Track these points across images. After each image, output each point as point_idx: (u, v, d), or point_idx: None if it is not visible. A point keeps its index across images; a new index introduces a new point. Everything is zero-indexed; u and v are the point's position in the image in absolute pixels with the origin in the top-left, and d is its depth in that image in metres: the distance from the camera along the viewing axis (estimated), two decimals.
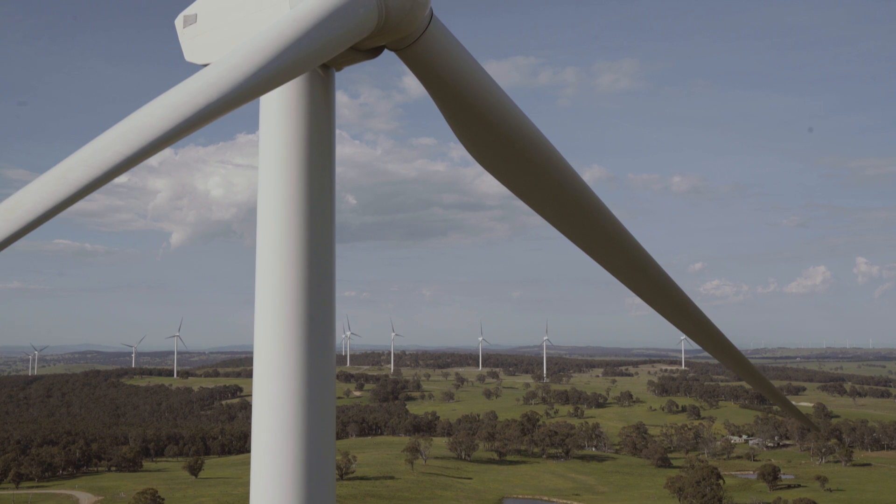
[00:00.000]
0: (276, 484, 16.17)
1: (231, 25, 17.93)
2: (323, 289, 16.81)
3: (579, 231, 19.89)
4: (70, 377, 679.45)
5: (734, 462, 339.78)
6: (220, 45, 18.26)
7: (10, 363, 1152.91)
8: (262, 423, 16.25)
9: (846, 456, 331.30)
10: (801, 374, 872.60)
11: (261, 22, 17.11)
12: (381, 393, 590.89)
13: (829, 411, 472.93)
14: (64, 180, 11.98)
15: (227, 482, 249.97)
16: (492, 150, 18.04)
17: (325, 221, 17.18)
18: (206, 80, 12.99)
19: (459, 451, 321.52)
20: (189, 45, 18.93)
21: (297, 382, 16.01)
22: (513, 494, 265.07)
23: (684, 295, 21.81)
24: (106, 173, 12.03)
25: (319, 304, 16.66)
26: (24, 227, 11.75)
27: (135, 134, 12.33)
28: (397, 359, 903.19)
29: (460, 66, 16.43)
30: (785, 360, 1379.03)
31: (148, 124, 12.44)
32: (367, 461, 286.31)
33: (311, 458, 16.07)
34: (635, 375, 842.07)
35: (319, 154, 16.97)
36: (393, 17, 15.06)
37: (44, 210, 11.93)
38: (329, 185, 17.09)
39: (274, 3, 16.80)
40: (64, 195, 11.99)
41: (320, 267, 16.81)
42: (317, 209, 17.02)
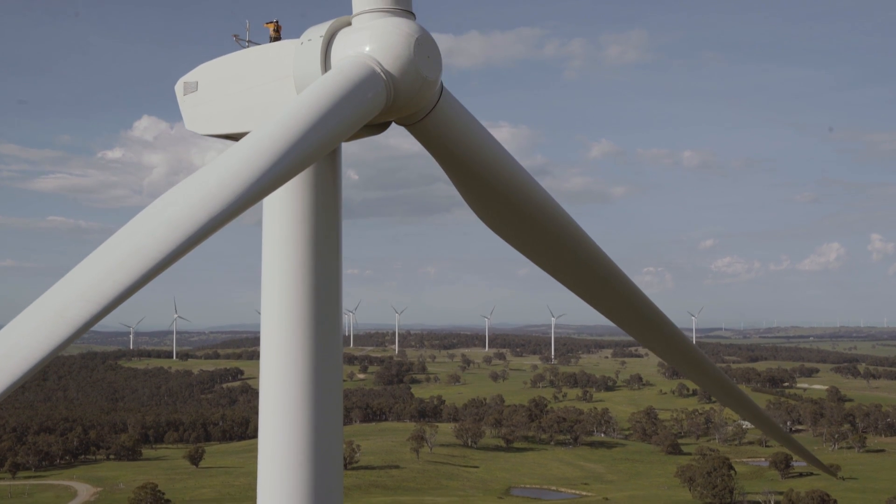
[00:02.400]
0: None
1: (233, 97, 18.08)
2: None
3: (590, 292, 20.84)
4: (67, 359, 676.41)
5: (745, 448, 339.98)
6: (222, 118, 18.38)
7: None
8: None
9: (859, 442, 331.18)
10: (814, 354, 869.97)
11: (264, 96, 17.54)
12: (385, 376, 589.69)
13: (842, 395, 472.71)
14: (62, 320, 11.48)
15: (229, 472, 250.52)
16: (499, 216, 18.79)
17: (332, 300, 17.50)
18: (209, 188, 12.68)
19: (466, 439, 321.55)
20: (190, 113, 19.15)
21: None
22: (520, 484, 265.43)
23: (698, 351, 23.05)
24: (105, 307, 11.60)
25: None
26: (23, 374, 11.12)
27: (135, 260, 11.88)
28: (402, 339, 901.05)
29: (469, 139, 16.90)
30: (798, 339, 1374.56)
31: (148, 246, 11.99)
32: (371, 449, 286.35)
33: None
34: (645, 356, 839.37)
35: (326, 230, 17.24)
36: (402, 97, 15.52)
37: (42, 354, 11.35)
38: (335, 262, 17.69)
39: (278, 77, 17.01)
40: (63, 336, 11.48)
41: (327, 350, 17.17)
42: (322, 288, 17.48)
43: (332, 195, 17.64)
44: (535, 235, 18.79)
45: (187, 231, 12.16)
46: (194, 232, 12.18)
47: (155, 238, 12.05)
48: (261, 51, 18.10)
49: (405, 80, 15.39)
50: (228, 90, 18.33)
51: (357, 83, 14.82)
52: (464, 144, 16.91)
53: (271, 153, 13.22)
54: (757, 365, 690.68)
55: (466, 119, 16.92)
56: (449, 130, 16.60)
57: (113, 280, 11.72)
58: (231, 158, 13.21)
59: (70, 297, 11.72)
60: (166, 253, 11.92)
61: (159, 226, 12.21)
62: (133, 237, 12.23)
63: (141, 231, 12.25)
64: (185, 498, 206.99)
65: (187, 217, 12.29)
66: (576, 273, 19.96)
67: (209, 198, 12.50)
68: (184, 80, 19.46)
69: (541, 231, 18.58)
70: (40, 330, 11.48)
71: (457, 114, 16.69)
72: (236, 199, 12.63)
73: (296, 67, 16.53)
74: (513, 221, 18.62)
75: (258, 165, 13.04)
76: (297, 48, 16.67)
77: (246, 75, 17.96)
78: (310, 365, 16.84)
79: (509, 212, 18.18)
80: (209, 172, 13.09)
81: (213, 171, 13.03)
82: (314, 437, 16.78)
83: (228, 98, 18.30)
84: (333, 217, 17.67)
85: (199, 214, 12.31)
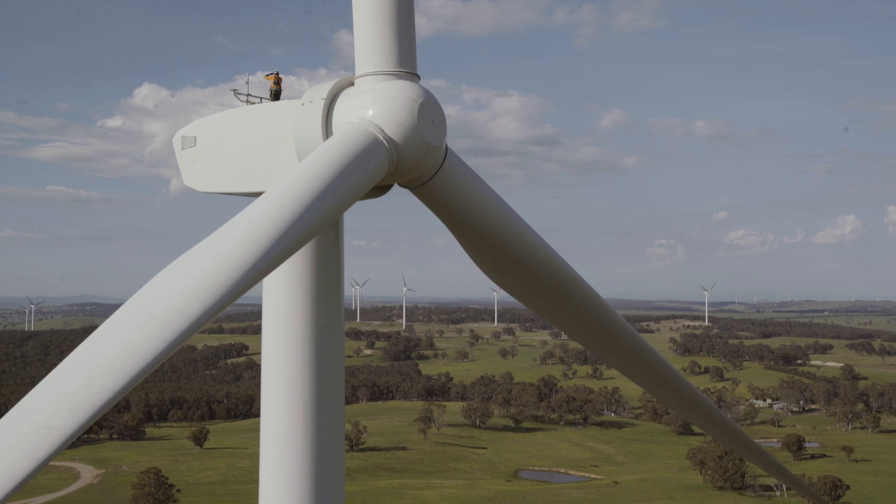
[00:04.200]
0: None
1: (232, 156, 17.97)
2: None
3: (599, 346, 20.99)
4: (69, 333, 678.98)
5: (758, 428, 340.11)
6: (221, 176, 18.28)
7: (6, 315, 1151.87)
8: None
9: (873, 422, 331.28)
10: (829, 330, 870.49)
11: (264, 157, 17.28)
12: (392, 352, 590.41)
13: (856, 373, 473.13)
14: (47, 431, 10.73)
15: (233, 454, 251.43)
16: (505, 273, 18.69)
17: (335, 367, 17.62)
18: (203, 277, 12.19)
19: (474, 419, 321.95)
20: (187, 169, 19.03)
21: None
22: (529, 466, 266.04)
23: (709, 402, 23.16)
24: (93, 416, 10.90)
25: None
26: (5, 495, 10.38)
27: (124, 361, 11.26)
28: (409, 313, 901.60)
29: (473, 201, 16.81)
30: (812, 313, 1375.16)
31: (139, 345, 11.37)
32: (378, 430, 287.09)
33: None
34: (657, 332, 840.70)
35: (328, 299, 17.31)
36: (405, 164, 15.38)
37: (27, 471, 10.62)
38: (339, 333, 17.56)
39: (278, 138, 16.90)
40: (48, 450, 10.74)
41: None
42: (325, 355, 17.45)
43: (334, 264, 17.47)
44: (543, 293, 18.81)
45: (180, 325, 11.54)
46: (188, 326, 11.55)
47: (145, 335, 11.41)
48: (261, 110, 17.95)
49: (408, 147, 15.22)
50: (227, 148, 18.19)
51: (359, 152, 14.59)
52: (468, 207, 16.82)
53: (269, 234, 12.80)
54: (770, 341, 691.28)
55: (471, 181, 16.79)
56: (453, 193, 16.48)
57: (101, 384, 11.02)
58: (226, 241, 12.73)
59: (54, 405, 10.94)
60: (158, 351, 11.27)
61: (149, 321, 11.57)
62: (121, 333, 11.57)
63: (130, 327, 11.61)
64: (190, 481, 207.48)
65: (180, 310, 11.68)
66: (584, 329, 20.11)
67: (203, 287, 11.96)
68: (182, 134, 19.33)
69: (548, 289, 18.58)
70: (24, 444, 10.66)
71: (461, 176, 16.55)
72: (232, 286, 12.13)
73: (296, 130, 16.34)
74: (519, 279, 18.61)
75: (255, 248, 12.58)
76: (297, 109, 16.48)
77: (245, 134, 17.79)
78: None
79: (515, 270, 18.15)
80: (203, 256, 12.59)
81: (208, 256, 12.53)
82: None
83: (227, 157, 18.17)
84: (336, 286, 17.55)
85: (193, 307, 11.72)
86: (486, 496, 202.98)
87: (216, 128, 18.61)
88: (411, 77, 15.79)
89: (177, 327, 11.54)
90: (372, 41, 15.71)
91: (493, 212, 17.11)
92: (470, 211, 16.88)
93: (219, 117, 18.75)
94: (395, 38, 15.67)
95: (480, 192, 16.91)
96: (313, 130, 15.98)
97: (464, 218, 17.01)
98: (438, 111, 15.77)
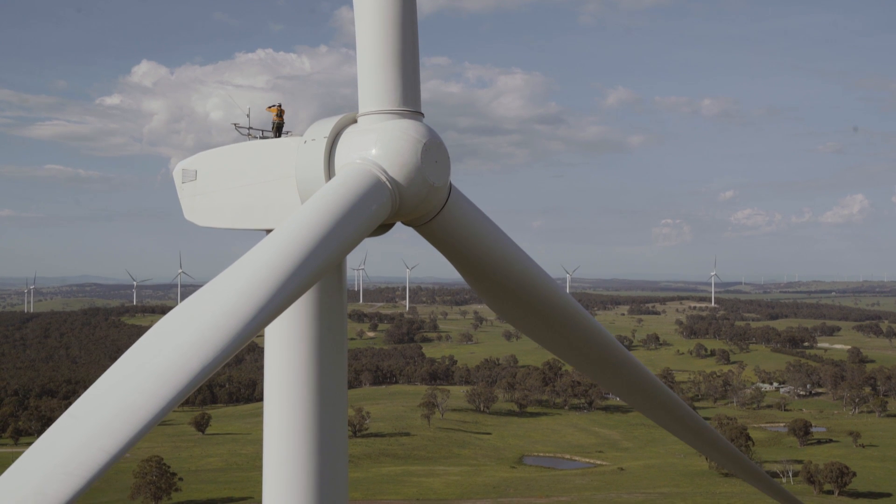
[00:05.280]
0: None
1: (233, 192, 18.00)
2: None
3: (604, 378, 21.21)
4: (69, 315, 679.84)
5: (764, 412, 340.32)
6: (222, 212, 18.34)
7: (5, 296, 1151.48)
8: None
9: (880, 406, 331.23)
10: (836, 311, 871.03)
11: (265, 195, 17.24)
12: (395, 334, 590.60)
13: (863, 355, 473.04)
14: (43, 498, 10.52)
15: (236, 440, 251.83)
16: (509, 307, 18.80)
17: (338, 421, 17.62)
18: (202, 332, 11.95)
19: (478, 403, 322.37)
20: (188, 203, 19.03)
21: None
22: (533, 452, 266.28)
23: (710, 428, 23.40)
24: (90, 480, 10.74)
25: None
26: None
27: (122, 421, 11.08)
28: (412, 294, 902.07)
29: (477, 238, 16.93)
30: (819, 294, 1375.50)
31: (136, 404, 11.23)
32: (381, 415, 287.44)
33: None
34: (663, 314, 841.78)
35: (331, 346, 17.31)
36: (408, 204, 15.44)
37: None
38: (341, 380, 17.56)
39: (280, 176, 16.91)
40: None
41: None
42: (327, 410, 17.44)
43: (337, 307, 17.44)
44: (547, 327, 19.00)
45: (179, 383, 11.38)
46: (187, 383, 11.45)
47: (143, 394, 11.28)
48: (262, 146, 17.90)
49: (411, 188, 15.26)
50: (228, 184, 18.19)
51: (361, 195, 14.60)
52: (471, 245, 16.97)
53: (270, 283, 12.69)
54: (777, 323, 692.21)
55: (475, 218, 16.89)
56: (456, 231, 16.57)
57: (98, 446, 10.87)
58: (226, 292, 12.57)
59: (50, 469, 10.80)
60: (156, 412, 11.16)
61: (147, 378, 11.43)
62: (118, 392, 11.44)
63: (127, 386, 11.46)
64: (192, 468, 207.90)
65: (179, 367, 11.52)
66: (589, 361, 20.41)
67: (202, 342, 11.78)
68: (182, 167, 19.29)
69: (552, 323, 18.74)
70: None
71: (465, 214, 16.62)
72: (232, 340, 11.98)
73: (298, 168, 16.35)
74: (523, 313, 18.78)
75: (256, 299, 12.43)
76: (299, 147, 16.46)
77: (247, 170, 17.79)
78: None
79: (519, 305, 18.30)
80: (203, 307, 12.40)
81: (208, 307, 12.35)
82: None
83: (228, 192, 18.19)
84: (339, 329, 17.56)
85: (192, 363, 11.57)
86: (490, 483, 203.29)
87: (217, 162, 18.61)
88: (415, 115, 15.79)
89: (175, 386, 11.37)
90: (376, 79, 15.69)
91: (496, 249, 17.17)
92: (473, 249, 16.96)
93: (220, 151, 18.78)
94: (399, 77, 15.66)
95: (484, 230, 16.97)
96: (315, 170, 15.97)
97: (467, 256, 17.06)
98: (442, 151, 15.77)
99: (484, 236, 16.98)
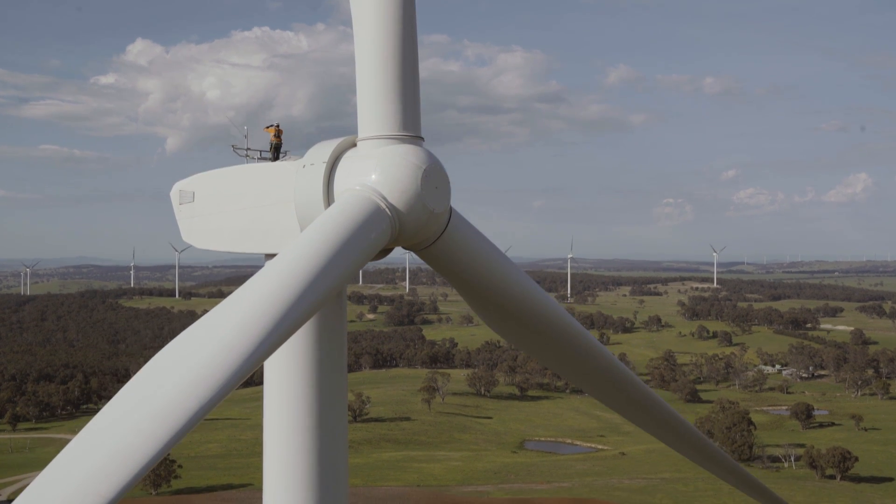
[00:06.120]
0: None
1: (232, 215, 17.94)
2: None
3: (605, 396, 21.34)
4: (66, 298, 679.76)
5: (766, 395, 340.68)
6: (220, 235, 18.32)
7: (1, 278, 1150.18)
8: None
9: (883, 389, 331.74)
10: (839, 292, 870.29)
11: (264, 219, 17.22)
12: (395, 316, 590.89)
13: (866, 337, 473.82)
14: None
15: (235, 425, 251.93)
16: (510, 329, 18.89)
17: (339, 451, 17.61)
18: (200, 369, 11.89)
19: (479, 387, 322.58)
20: (186, 225, 19.01)
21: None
22: (534, 436, 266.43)
23: (707, 441, 23.56)
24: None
25: None
26: None
27: (118, 464, 11.04)
28: (412, 276, 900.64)
29: (477, 262, 17.00)
30: (822, 274, 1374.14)
31: (134, 446, 11.15)
32: (381, 399, 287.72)
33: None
34: (664, 295, 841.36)
35: (331, 375, 17.32)
36: (408, 230, 15.43)
37: None
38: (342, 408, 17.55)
39: (278, 200, 16.87)
40: None
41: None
42: (327, 442, 17.45)
43: (337, 337, 17.44)
44: (548, 347, 19.15)
45: (177, 422, 11.35)
46: (185, 422, 11.47)
47: (142, 435, 11.21)
48: (261, 169, 17.81)
49: (411, 215, 15.21)
50: (226, 207, 18.11)
51: (361, 223, 14.52)
52: (471, 268, 17.02)
53: (268, 317, 12.59)
54: (780, 304, 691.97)
55: (475, 242, 16.91)
56: (456, 255, 16.60)
57: (95, 492, 10.82)
58: (224, 326, 12.52)
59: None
60: (153, 454, 11.15)
61: (144, 418, 11.35)
62: (115, 433, 11.34)
63: (124, 426, 11.37)
64: (191, 454, 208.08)
65: (176, 405, 11.49)
66: (591, 380, 20.59)
67: (199, 380, 11.74)
68: (180, 188, 19.21)
69: (553, 344, 18.86)
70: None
71: (465, 238, 16.62)
72: (231, 375, 11.97)
73: (297, 193, 16.26)
74: (524, 334, 18.90)
75: (254, 335, 12.36)
76: (298, 172, 16.37)
77: (245, 193, 17.70)
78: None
79: (520, 326, 18.38)
80: (201, 342, 12.36)
81: (205, 342, 12.28)
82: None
83: (226, 215, 18.09)
84: (338, 358, 17.54)
85: (189, 402, 11.54)
86: (491, 469, 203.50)
87: (215, 185, 18.53)
88: (415, 140, 15.69)
89: (173, 425, 11.32)
90: (376, 104, 15.60)
91: (496, 273, 17.20)
92: (473, 272, 17.00)
93: (218, 174, 18.72)
94: (400, 102, 15.57)
95: (484, 254, 16.97)
96: (314, 195, 15.88)
97: (467, 279, 17.08)
98: (442, 176, 15.70)
99: (484, 260, 17.00)
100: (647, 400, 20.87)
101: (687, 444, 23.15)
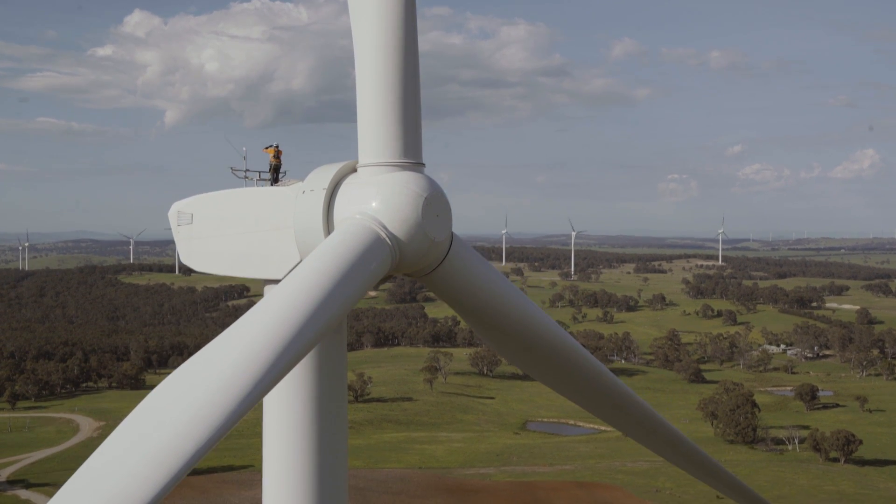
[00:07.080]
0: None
1: (230, 239, 17.92)
2: None
3: (607, 416, 21.51)
4: (64, 273, 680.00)
5: (771, 375, 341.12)
6: (219, 258, 18.34)
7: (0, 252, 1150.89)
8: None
9: (888, 369, 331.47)
10: (845, 270, 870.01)
11: (263, 244, 17.20)
12: (397, 293, 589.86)
13: (872, 316, 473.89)
14: None
15: None
16: (513, 351, 19.03)
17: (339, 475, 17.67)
18: (196, 408, 11.77)
19: (481, 367, 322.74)
20: (184, 246, 18.97)
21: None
22: (537, 417, 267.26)
23: (711, 459, 23.74)
24: None
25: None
26: None
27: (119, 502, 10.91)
28: None
29: (478, 288, 17.11)
30: (828, 251, 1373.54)
31: (128, 490, 10.94)
32: (383, 379, 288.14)
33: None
34: (669, 272, 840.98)
35: (331, 403, 17.36)
36: (408, 259, 15.51)
37: None
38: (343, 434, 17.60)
39: (277, 226, 16.85)
40: None
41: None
42: (326, 464, 17.52)
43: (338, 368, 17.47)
44: (553, 372, 19.25)
45: (173, 467, 11.11)
46: (181, 467, 11.17)
47: (137, 479, 10.98)
48: (260, 194, 17.75)
49: (412, 244, 15.21)
50: (225, 230, 18.05)
51: (361, 253, 14.48)
52: (473, 294, 17.11)
53: (268, 353, 12.44)
54: (785, 282, 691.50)
55: (476, 268, 16.96)
56: (457, 281, 16.67)
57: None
58: (222, 363, 12.35)
59: None
60: (150, 498, 10.85)
61: (139, 462, 11.15)
62: (110, 478, 11.13)
63: (119, 471, 11.14)
64: None
65: (172, 449, 11.27)
66: (593, 401, 20.68)
67: (197, 420, 11.55)
68: (178, 209, 19.10)
69: (556, 367, 18.97)
70: None
71: (466, 264, 16.66)
72: (229, 416, 11.77)
73: (297, 220, 16.25)
74: (528, 359, 18.98)
75: (252, 372, 12.19)
76: (298, 198, 16.34)
77: (244, 217, 17.63)
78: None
79: (523, 349, 18.45)
80: (198, 379, 12.21)
81: (203, 380, 12.13)
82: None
83: (225, 239, 18.03)
84: (339, 389, 17.56)
85: (186, 444, 11.31)
86: (493, 450, 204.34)
87: (214, 207, 18.44)
88: (416, 167, 15.63)
89: (169, 470, 11.12)
90: (376, 131, 15.55)
91: (497, 297, 17.26)
92: (475, 297, 17.06)
93: (217, 196, 18.64)
94: (401, 129, 15.51)
95: (485, 279, 17.01)
96: (314, 221, 15.87)
97: (469, 304, 17.13)
98: (444, 204, 15.69)
99: (485, 285, 17.06)
100: (652, 422, 21.01)
101: (692, 464, 23.41)
